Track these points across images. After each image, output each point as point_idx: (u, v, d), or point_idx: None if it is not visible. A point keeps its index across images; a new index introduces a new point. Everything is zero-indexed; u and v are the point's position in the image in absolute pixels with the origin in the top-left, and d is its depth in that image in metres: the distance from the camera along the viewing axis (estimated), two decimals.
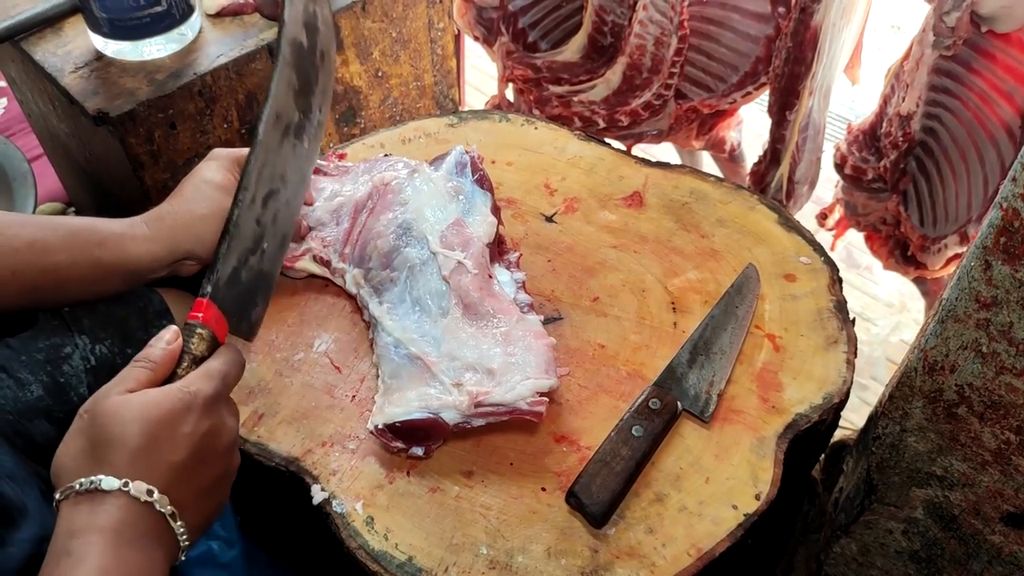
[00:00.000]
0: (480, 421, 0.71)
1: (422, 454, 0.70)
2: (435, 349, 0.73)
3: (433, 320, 0.75)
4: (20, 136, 1.55)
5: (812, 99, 1.13)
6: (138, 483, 0.53)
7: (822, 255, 0.87)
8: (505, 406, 0.70)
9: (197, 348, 0.60)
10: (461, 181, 0.85)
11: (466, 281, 0.77)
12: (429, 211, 0.82)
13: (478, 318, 0.75)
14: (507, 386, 0.70)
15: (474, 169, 0.86)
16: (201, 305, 0.62)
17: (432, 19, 1.28)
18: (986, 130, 0.97)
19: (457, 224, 0.81)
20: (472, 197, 0.84)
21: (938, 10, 0.93)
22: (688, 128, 1.30)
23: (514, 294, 0.79)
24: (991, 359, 0.65)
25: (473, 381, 0.71)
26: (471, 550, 0.66)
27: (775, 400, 0.75)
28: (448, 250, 0.78)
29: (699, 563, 0.65)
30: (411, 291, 0.78)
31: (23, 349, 0.76)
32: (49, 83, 1.05)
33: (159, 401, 0.56)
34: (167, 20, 1.04)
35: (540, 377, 0.70)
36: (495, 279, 0.79)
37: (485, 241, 0.80)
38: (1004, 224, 0.58)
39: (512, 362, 0.72)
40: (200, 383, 0.58)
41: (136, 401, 0.55)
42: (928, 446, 0.74)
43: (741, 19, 1.15)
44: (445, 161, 0.87)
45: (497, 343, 0.73)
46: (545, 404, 0.70)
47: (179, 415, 0.56)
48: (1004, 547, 0.75)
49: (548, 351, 0.73)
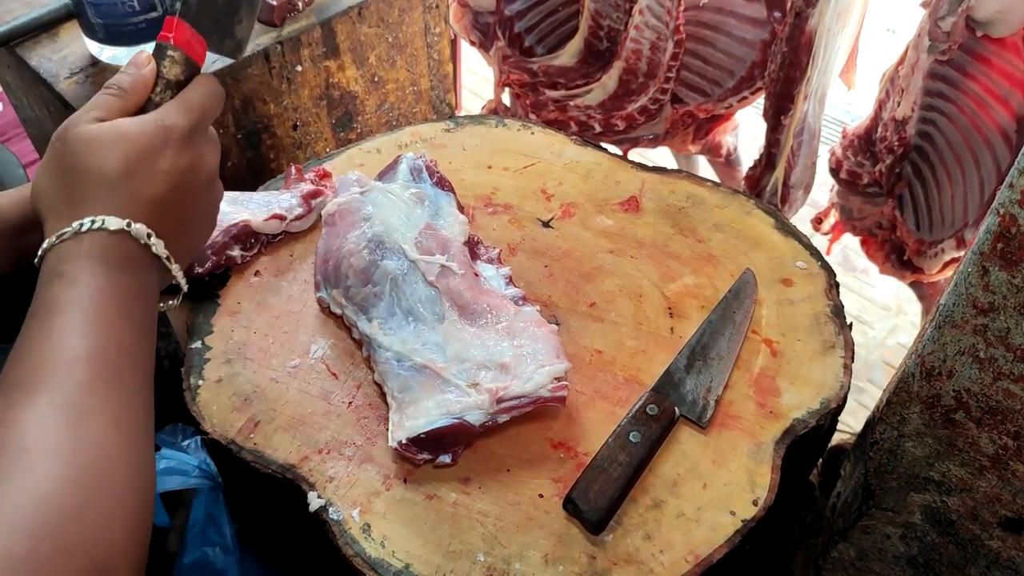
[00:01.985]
0: (505, 416, 0.71)
1: (450, 461, 0.70)
2: (441, 355, 0.73)
3: (431, 327, 0.75)
4: (15, 141, 1.55)
5: (807, 103, 1.13)
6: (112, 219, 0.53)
7: (819, 259, 0.87)
8: (527, 396, 0.70)
9: (170, 72, 0.56)
10: (421, 186, 0.85)
11: (455, 283, 0.77)
12: (396, 221, 0.81)
13: (476, 317, 0.75)
14: (524, 377, 0.70)
15: (431, 173, 0.87)
16: (171, 24, 0.57)
17: (428, 24, 1.28)
18: (982, 134, 0.98)
19: (429, 228, 0.81)
20: (436, 200, 0.85)
21: (933, 15, 0.94)
22: (684, 132, 1.30)
23: (503, 288, 0.80)
24: (988, 364, 0.65)
25: (489, 378, 0.71)
26: (468, 557, 0.66)
27: (772, 405, 0.75)
28: (428, 256, 0.78)
29: (697, 569, 0.65)
30: (399, 303, 0.77)
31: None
32: (44, 89, 1.05)
33: (133, 135, 0.54)
34: (162, 26, 1.04)
35: (554, 363, 0.71)
36: (482, 276, 0.79)
37: (461, 240, 0.81)
38: (1001, 230, 0.58)
39: (523, 353, 0.72)
40: (176, 115, 0.56)
41: (109, 131, 0.54)
42: (926, 451, 0.74)
43: (737, 24, 1.15)
44: (398, 170, 0.87)
45: (502, 338, 0.73)
46: (566, 388, 0.70)
47: (156, 149, 0.55)
48: (1002, 552, 0.75)
49: (554, 337, 0.74)
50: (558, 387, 0.70)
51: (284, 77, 1.12)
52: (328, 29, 1.14)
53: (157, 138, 0.54)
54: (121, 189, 0.54)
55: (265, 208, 0.88)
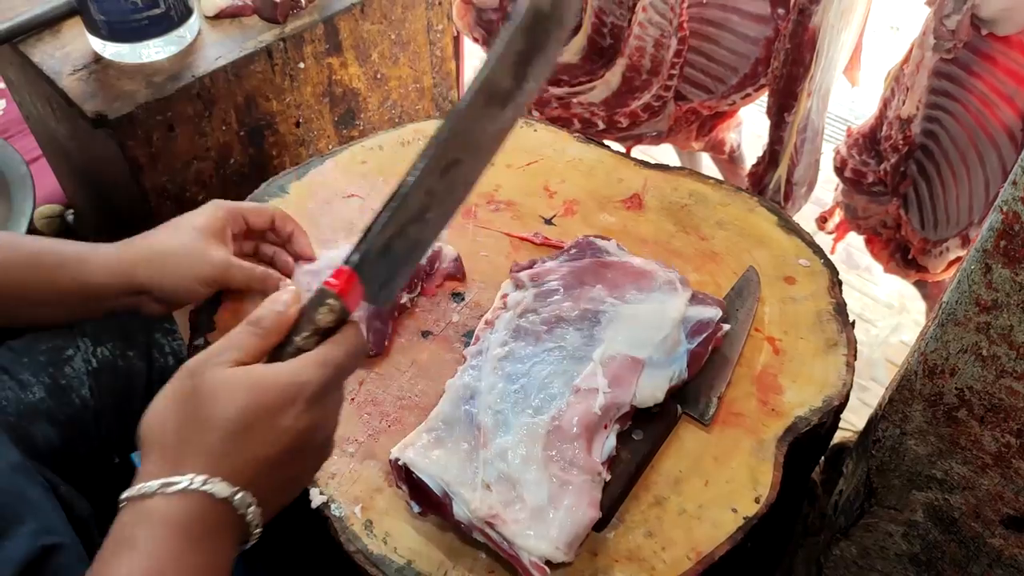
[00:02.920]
0: (480, 537, 0.64)
1: (418, 511, 0.67)
2: (497, 433, 0.67)
3: (522, 408, 0.69)
4: (18, 138, 1.55)
5: (811, 101, 1.12)
6: (221, 484, 0.50)
7: (822, 257, 0.87)
8: (508, 544, 0.63)
9: (324, 320, 0.53)
10: (690, 342, 0.75)
11: (580, 412, 0.68)
12: (628, 333, 0.73)
13: (556, 449, 0.66)
14: (523, 530, 0.62)
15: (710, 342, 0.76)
16: (342, 273, 0.54)
17: (431, 21, 1.28)
18: (987, 133, 0.97)
19: (634, 365, 0.71)
20: (675, 363, 0.74)
21: (938, 13, 0.93)
22: (687, 130, 1.30)
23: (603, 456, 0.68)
24: (991, 362, 0.64)
25: (501, 496, 0.64)
26: (470, 554, 0.66)
27: (775, 403, 0.75)
28: (601, 372, 0.70)
29: (699, 566, 0.65)
30: (536, 363, 0.71)
31: (25, 351, 0.76)
32: (48, 85, 1.05)
33: (265, 387, 0.51)
34: (165, 22, 1.04)
35: (559, 547, 0.62)
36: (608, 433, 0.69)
37: (632, 402, 0.70)
38: (1004, 227, 0.58)
39: (547, 512, 0.63)
40: (312, 372, 0.52)
41: (241, 381, 0.51)
42: (928, 449, 0.74)
43: (740, 21, 1.14)
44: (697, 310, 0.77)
45: (550, 484, 0.65)
46: (545, 574, 0.61)
47: (282, 407, 0.51)
48: (1004, 550, 0.75)
49: (586, 529, 0.64)
50: (539, 566, 0.61)
51: (287, 74, 1.12)
52: (331, 26, 1.14)
53: (288, 394, 0.51)
54: (237, 446, 0.50)
55: None
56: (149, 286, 0.75)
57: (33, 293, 0.73)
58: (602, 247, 0.82)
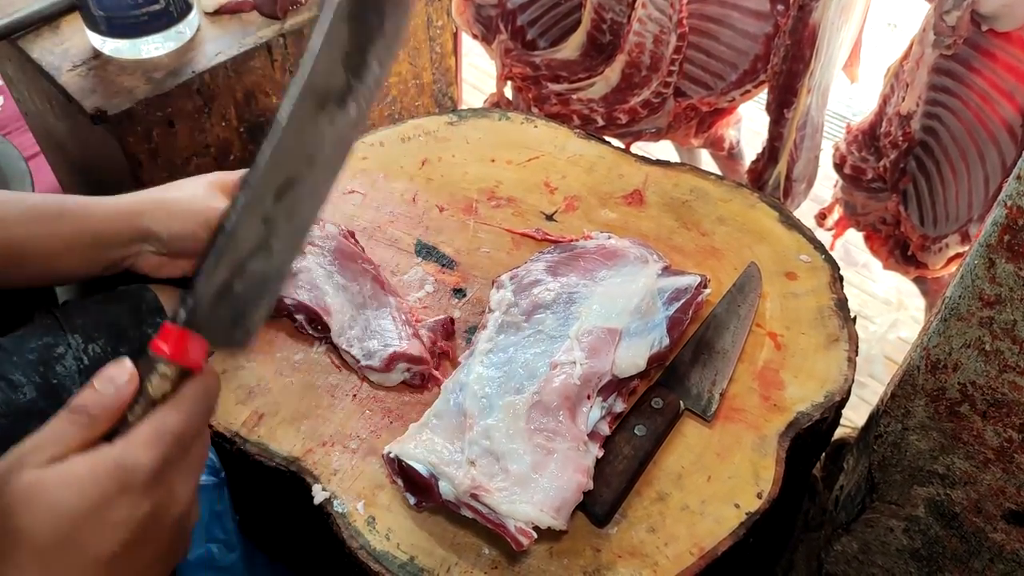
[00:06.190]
0: (468, 513, 0.64)
1: (413, 503, 0.67)
2: (482, 416, 0.67)
3: (505, 390, 0.70)
4: (17, 134, 1.55)
5: (810, 97, 1.13)
6: None
7: (822, 253, 0.87)
8: (495, 515, 0.62)
9: (157, 390, 0.46)
10: (667, 308, 0.76)
11: (560, 383, 0.69)
12: (601, 307, 0.75)
13: (538, 422, 0.67)
14: (509, 498, 0.63)
15: (689, 307, 0.77)
16: (168, 334, 0.46)
17: (431, 17, 1.27)
18: (987, 129, 0.97)
19: (610, 335, 0.72)
20: (653, 331, 0.75)
21: (938, 9, 0.93)
22: (687, 126, 1.30)
23: (592, 425, 0.70)
24: (994, 357, 0.65)
25: (485, 470, 0.64)
26: (473, 550, 0.66)
27: (777, 398, 0.75)
28: (578, 346, 0.71)
29: (701, 562, 0.65)
30: (518, 349, 0.72)
31: (15, 350, 0.75)
32: (47, 81, 1.05)
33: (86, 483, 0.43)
34: (165, 18, 1.04)
35: (544, 510, 0.62)
36: (592, 404, 0.70)
37: (612, 371, 0.71)
38: (1008, 222, 0.58)
39: (531, 479, 0.63)
40: (143, 451, 0.45)
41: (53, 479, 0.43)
42: (930, 444, 0.74)
43: (740, 17, 1.14)
44: (673, 279, 0.79)
45: (534, 454, 0.65)
46: (532, 539, 0.61)
47: (111, 499, 0.44)
48: (1006, 545, 0.75)
49: (575, 495, 0.64)
50: (525, 531, 0.61)
51: (287, 70, 1.12)
52: None
53: (116, 483, 0.44)
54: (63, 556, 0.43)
55: None
56: (156, 230, 0.75)
57: (38, 244, 0.72)
58: (582, 244, 0.85)
